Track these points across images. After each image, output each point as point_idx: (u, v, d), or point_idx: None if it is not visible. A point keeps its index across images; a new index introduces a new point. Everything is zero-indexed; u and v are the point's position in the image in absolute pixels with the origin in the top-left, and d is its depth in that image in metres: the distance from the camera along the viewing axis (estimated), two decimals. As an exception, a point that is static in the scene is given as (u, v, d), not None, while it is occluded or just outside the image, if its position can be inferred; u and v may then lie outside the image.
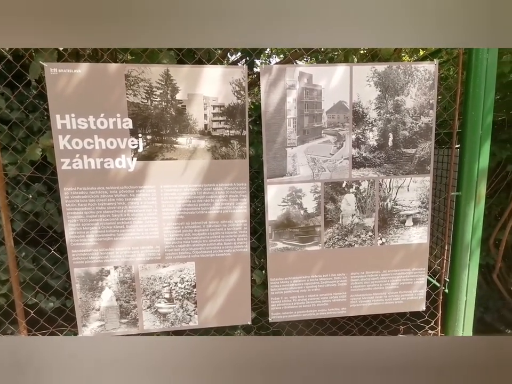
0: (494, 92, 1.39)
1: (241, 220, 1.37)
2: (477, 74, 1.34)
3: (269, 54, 2.97)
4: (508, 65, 2.14)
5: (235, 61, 2.28)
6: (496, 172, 2.57)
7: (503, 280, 2.66)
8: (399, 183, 1.41)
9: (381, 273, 1.47)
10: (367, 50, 2.21)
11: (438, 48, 2.39)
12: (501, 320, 2.76)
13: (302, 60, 2.65)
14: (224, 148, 1.32)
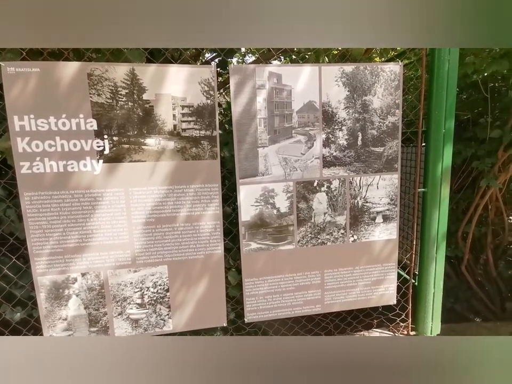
0: (456, 92, 1.45)
1: (214, 221, 1.36)
2: (439, 75, 1.39)
3: (244, 53, 2.95)
4: (471, 66, 2.24)
5: (209, 60, 2.25)
6: (462, 168, 2.70)
7: (471, 271, 2.80)
8: (368, 181, 1.45)
9: (354, 269, 1.51)
10: (338, 51, 2.25)
11: (403, 49, 2.46)
12: (470, 309, 2.90)
13: (276, 60, 2.66)
14: (194, 148, 1.30)
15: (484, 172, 2.42)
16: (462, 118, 2.76)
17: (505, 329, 2.34)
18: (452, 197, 2.81)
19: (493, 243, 2.65)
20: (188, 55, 1.84)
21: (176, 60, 1.50)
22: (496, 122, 2.37)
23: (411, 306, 1.60)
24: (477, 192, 2.50)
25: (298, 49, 2.15)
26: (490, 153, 2.39)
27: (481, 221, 2.63)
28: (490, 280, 2.72)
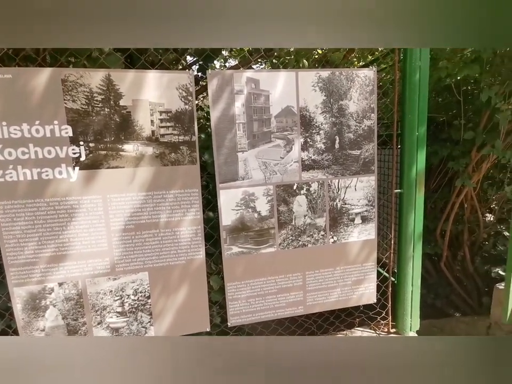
0: (427, 96, 1.50)
1: (195, 226, 1.36)
2: (411, 81, 1.44)
3: (226, 57, 2.97)
4: (444, 70, 2.33)
5: (190, 64, 2.25)
6: (439, 168, 2.79)
7: (450, 268, 2.90)
8: (346, 183, 1.48)
9: (334, 270, 1.54)
10: (318, 55, 2.30)
11: (380, 55, 2.54)
12: (449, 305, 3.00)
13: (257, 64, 2.68)
14: (173, 154, 1.30)
15: (459, 171, 2.52)
16: (438, 120, 2.86)
17: (481, 323, 2.43)
18: (430, 196, 2.91)
19: (469, 240, 2.76)
20: (168, 60, 1.83)
21: (156, 65, 1.50)
22: (469, 124, 2.47)
23: (391, 304, 1.65)
24: (453, 191, 2.59)
25: (278, 53, 2.18)
26: (464, 154, 2.48)
27: (458, 219, 2.73)
28: (468, 276, 2.82)
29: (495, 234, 2.70)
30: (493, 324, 2.33)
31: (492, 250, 2.72)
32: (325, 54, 2.15)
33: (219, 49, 1.65)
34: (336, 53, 2.30)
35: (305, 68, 1.95)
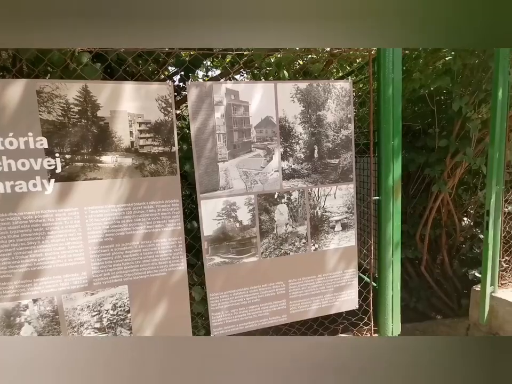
0: (401, 106, 1.57)
1: (175, 237, 1.35)
2: (385, 92, 1.50)
3: (209, 67, 2.99)
4: (418, 81, 2.43)
5: (171, 74, 2.26)
6: (417, 174, 2.89)
7: (430, 271, 2.98)
8: (326, 191, 1.51)
9: (317, 277, 1.55)
10: (299, 65, 2.36)
11: (357, 66, 2.63)
12: (431, 307, 3.07)
13: (238, 74, 2.72)
14: (153, 165, 1.29)
15: (435, 177, 2.62)
16: (415, 128, 2.98)
17: (461, 325, 2.50)
18: (409, 202, 3.00)
19: (447, 243, 2.85)
20: (148, 71, 1.84)
21: (136, 76, 1.50)
22: (443, 133, 2.58)
23: (372, 309, 1.67)
24: (430, 196, 2.69)
25: (259, 64, 2.23)
26: (440, 161, 2.59)
27: (436, 223, 2.82)
28: (447, 279, 2.91)
29: (471, 237, 2.81)
30: (472, 325, 2.40)
31: (468, 253, 2.82)
32: (304, 65, 2.21)
33: (200, 60, 1.67)
34: (316, 64, 2.37)
35: (285, 78, 2.00)
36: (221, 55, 2.16)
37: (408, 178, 3.00)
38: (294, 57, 2.17)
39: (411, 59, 2.58)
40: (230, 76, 2.86)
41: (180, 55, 1.73)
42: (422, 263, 2.89)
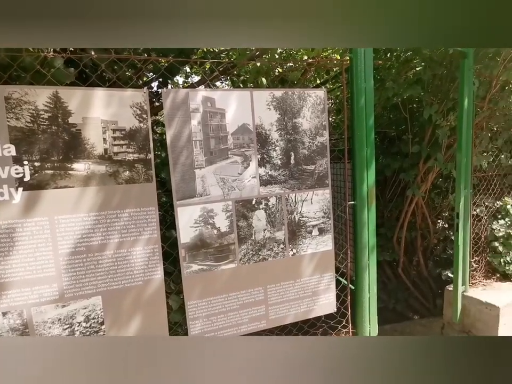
0: (376, 113, 1.62)
1: (152, 245, 1.33)
2: (358, 101, 1.56)
3: (189, 73, 2.99)
4: (391, 90, 2.53)
5: (149, 81, 2.24)
6: (393, 179, 2.99)
7: (407, 273, 3.07)
8: (303, 197, 1.54)
9: (295, 282, 1.57)
10: (278, 73, 2.40)
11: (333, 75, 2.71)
12: (408, 308, 3.16)
13: (219, 80, 2.74)
14: (128, 172, 1.28)
15: (410, 182, 2.72)
16: (390, 134, 3.09)
17: (436, 324, 2.59)
18: (386, 206, 3.09)
19: (422, 245, 2.95)
20: (125, 77, 1.81)
21: (114, 82, 1.48)
22: (416, 139, 2.69)
23: (350, 312, 1.70)
24: (405, 200, 2.78)
25: (238, 72, 2.25)
26: (413, 166, 2.69)
27: (411, 226, 2.92)
28: (423, 280, 3.01)
29: (444, 239, 2.92)
30: (446, 324, 2.49)
31: (442, 254, 2.93)
32: (283, 73, 2.25)
33: (177, 67, 1.67)
34: (295, 72, 2.42)
35: (263, 85, 2.03)
36: (199, 62, 2.17)
37: (385, 182, 3.10)
38: (273, 65, 2.21)
39: (384, 69, 2.69)
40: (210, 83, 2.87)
41: (158, 61, 1.72)
42: (399, 265, 2.98)
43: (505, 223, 2.60)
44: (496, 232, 2.55)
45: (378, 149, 3.05)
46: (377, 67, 2.76)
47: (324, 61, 1.82)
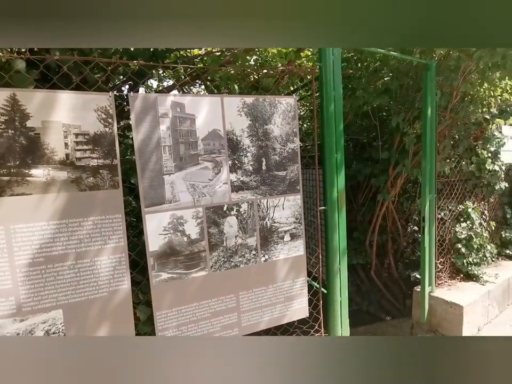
0: (343, 121, 1.67)
1: (118, 254, 1.28)
2: (328, 108, 1.60)
3: (163, 77, 2.95)
4: (361, 99, 2.62)
5: (119, 84, 2.18)
6: (365, 184, 3.08)
7: (379, 275, 3.16)
8: (275, 202, 1.55)
9: (267, 288, 1.56)
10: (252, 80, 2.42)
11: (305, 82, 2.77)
12: (381, 309, 3.24)
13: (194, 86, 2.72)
14: (92, 178, 1.22)
15: (380, 187, 2.81)
16: (362, 141, 3.19)
17: (406, 324, 2.68)
18: (359, 210, 3.17)
19: (393, 248, 3.06)
20: (92, 79, 1.75)
21: (82, 84, 1.42)
22: (385, 145, 2.80)
23: (323, 316, 1.72)
24: (376, 205, 2.87)
25: (212, 77, 2.25)
26: (383, 171, 2.79)
27: (383, 230, 3.02)
28: (394, 281, 3.11)
29: (413, 241, 3.05)
30: (415, 324, 2.58)
31: (411, 256, 3.05)
32: (257, 80, 2.27)
33: (144, 71, 1.63)
34: (269, 78, 2.45)
35: (235, 91, 2.04)
36: (171, 66, 2.14)
37: (358, 187, 3.19)
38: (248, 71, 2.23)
39: (355, 78, 2.78)
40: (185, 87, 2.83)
41: (125, 65, 1.68)
42: (372, 267, 3.06)
43: (467, 225, 2.76)
44: (459, 234, 2.70)
45: (351, 155, 3.15)
46: (348, 76, 2.86)
47: (295, 69, 1.86)
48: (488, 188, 3.05)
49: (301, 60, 2.87)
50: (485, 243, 2.82)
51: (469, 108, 2.55)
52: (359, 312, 3.24)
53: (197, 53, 2.50)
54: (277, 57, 2.80)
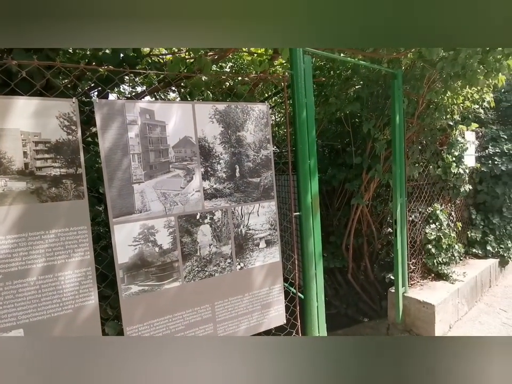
0: (315, 128, 1.70)
1: (84, 268, 1.21)
2: (300, 115, 1.62)
3: (134, 83, 2.88)
4: (334, 105, 2.69)
5: (87, 90, 2.11)
6: (340, 189, 3.14)
7: (356, 278, 3.22)
8: (249, 209, 1.54)
9: (243, 296, 1.54)
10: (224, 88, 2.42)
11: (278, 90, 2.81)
12: (359, 312, 3.30)
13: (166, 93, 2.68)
14: (54, 188, 1.16)
15: (354, 191, 2.88)
16: (336, 147, 3.26)
17: (382, 325, 2.73)
18: (335, 214, 3.23)
19: (368, 251, 3.13)
20: (56, 84, 1.68)
21: (47, 90, 1.35)
22: (358, 151, 2.87)
23: (300, 322, 1.72)
24: (351, 209, 2.94)
25: (184, 84, 2.22)
26: (357, 176, 2.86)
27: (358, 233, 3.09)
28: (370, 283, 3.18)
29: (387, 244, 3.14)
30: (391, 324, 2.64)
31: (386, 258, 3.13)
32: (231, 87, 2.27)
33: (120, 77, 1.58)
34: (244, 85, 2.46)
35: (209, 98, 2.02)
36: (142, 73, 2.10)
37: (333, 192, 3.26)
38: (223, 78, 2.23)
39: (328, 86, 2.86)
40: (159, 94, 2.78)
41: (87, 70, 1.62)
42: (349, 271, 3.12)
43: (436, 227, 2.88)
44: (428, 235, 2.81)
45: (326, 161, 3.21)
46: (322, 84, 2.93)
47: (269, 76, 1.88)
48: (454, 190, 3.21)
49: (275, 68, 2.91)
50: (453, 243, 2.95)
51: (434, 115, 2.68)
52: (338, 316, 3.28)
53: (170, 59, 2.47)
54: (251, 64, 2.82)
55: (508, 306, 2.94)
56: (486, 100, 3.06)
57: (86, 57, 2.15)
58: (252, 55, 2.74)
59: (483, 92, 2.88)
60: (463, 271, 2.96)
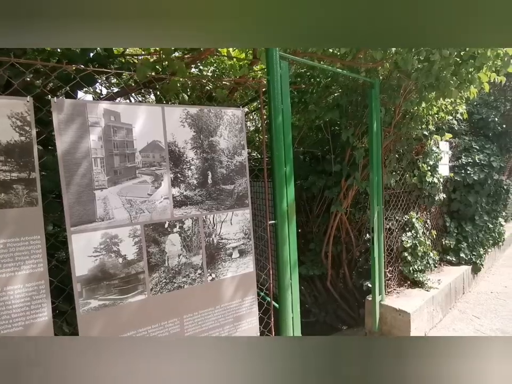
0: (291, 135, 1.67)
1: (36, 281, 1.11)
2: (276, 121, 1.58)
3: (108, 83, 2.78)
4: (313, 113, 2.68)
5: (54, 89, 1.99)
6: (319, 196, 3.13)
7: (334, 285, 3.20)
8: (222, 218, 1.48)
9: (215, 309, 1.47)
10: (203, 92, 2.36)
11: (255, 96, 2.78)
12: (337, 319, 3.27)
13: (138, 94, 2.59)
14: (2, 194, 1.06)
15: (333, 199, 2.87)
16: (316, 154, 3.26)
17: (360, 333, 2.72)
18: (314, 221, 3.21)
19: (347, 258, 3.13)
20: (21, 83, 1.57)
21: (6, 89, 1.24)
22: (337, 159, 2.88)
23: (274, 334, 1.66)
24: (330, 216, 2.93)
25: (159, 86, 2.15)
26: (336, 184, 2.86)
27: (337, 241, 3.08)
28: (349, 291, 3.17)
29: (365, 251, 3.15)
30: (368, 332, 2.63)
31: (364, 265, 3.13)
32: (209, 92, 2.22)
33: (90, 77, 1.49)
34: (222, 90, 2.41)
35: (185, 101, 1.96)
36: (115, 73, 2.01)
37: (313, 199, 3.24)
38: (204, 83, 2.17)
39: (308, 93, 2.86)
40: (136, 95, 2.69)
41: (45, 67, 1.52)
42: (328, 278, 3.10)
43: (412, 234, 2.92)
44: (405, 243, 2.84)
45: (306, 168, 3.20)
46: (302, 91, 2.93)
47: (247, 82, 1.84)
48: (429, 198, 3.28)
49: (255, 73, 2.89)
50: (428, 250, 3.00)
51: (410, 125, 2.73)
52: (317, 323, 3.24)
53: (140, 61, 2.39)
54: (231, 69, 2.78)
55: (480, 313, 3.00)
56: (459, 111, 3.16)
57: (56, 54, 2.04)
58: (232, 59, 2.70)
59: (456, 104, 2.98)
60: (437, 278, 3.00)
